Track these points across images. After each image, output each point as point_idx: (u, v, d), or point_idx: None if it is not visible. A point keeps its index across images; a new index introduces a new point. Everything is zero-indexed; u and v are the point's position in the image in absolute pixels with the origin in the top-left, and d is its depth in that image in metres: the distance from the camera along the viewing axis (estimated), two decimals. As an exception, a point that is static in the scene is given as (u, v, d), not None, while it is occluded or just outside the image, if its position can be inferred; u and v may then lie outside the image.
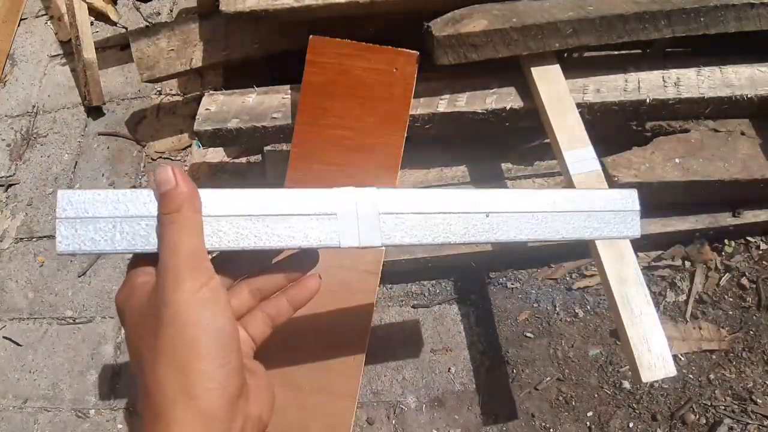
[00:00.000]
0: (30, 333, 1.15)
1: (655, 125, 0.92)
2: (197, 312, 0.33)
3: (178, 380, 0.32)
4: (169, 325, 0.32)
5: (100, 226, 0.36)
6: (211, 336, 0.33)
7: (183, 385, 0.32)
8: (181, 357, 0.32)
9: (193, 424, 0.32)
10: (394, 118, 0.85)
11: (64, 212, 0.36)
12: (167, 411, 0.32)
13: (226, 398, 0.33)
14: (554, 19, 0.82)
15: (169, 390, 0.32)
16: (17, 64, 1.50)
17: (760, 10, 0.83)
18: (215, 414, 0.32)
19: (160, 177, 0.35)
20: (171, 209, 0.34)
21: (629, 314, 0.69)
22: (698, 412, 0.87)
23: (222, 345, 0.33)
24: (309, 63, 0.85)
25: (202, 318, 0.33)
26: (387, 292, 1.04)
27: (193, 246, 0.34)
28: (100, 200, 0.36)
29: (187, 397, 0.32)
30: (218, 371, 0.33)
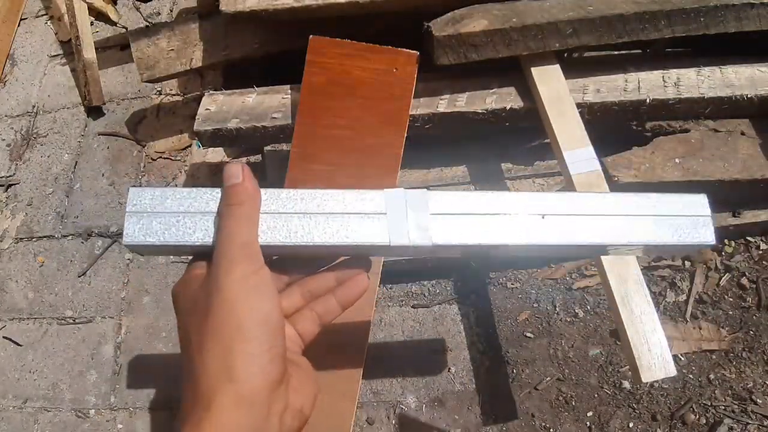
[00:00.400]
0: (30, 333, 1.15)
1: (655, 125, 0.92)
2: (246, 296, 0.34)
3: (222, 362, 0.33)
4: (218, 308, 0.34)
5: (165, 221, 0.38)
6: (258, 320, 0.34)
7: (226, 367, 0.33)
8: (227, 339, 0.33)
9: (232, 407, 0.32)
10: (394, 118, 0.85)
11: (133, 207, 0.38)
12: (208, 393, 0.32)
13: (268, 383, 0.33)
14: (554, 19, 0.82)
15: (212, 371, 0.33)
16: (17, 64, 1.50)
17: (760, 10, 0.83)
18: (255, 398, 0.33)
19: (230, 171, 0.37)
20: (234, 202, 0.36)
21: (629, 314, 0.69)
22: (698, 412, 0.87)
23: (268, 330, 0.34)
24: (309, 63, 0.85)
25: (250, 302, 0.34)
26: (387, 292, 1.04)
27: (248, 237, 0.36)
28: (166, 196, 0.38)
29: (228, 380, 0.32)
30: (262, 356, 0.33)
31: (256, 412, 0.33)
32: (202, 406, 0.32)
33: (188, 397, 0.33)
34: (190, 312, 0.36)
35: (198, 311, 0.35)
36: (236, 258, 0.35)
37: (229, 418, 0.32)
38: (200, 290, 0.35)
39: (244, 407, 0.32)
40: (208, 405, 0.32)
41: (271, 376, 0.34)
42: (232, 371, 0.32)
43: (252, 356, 0.33)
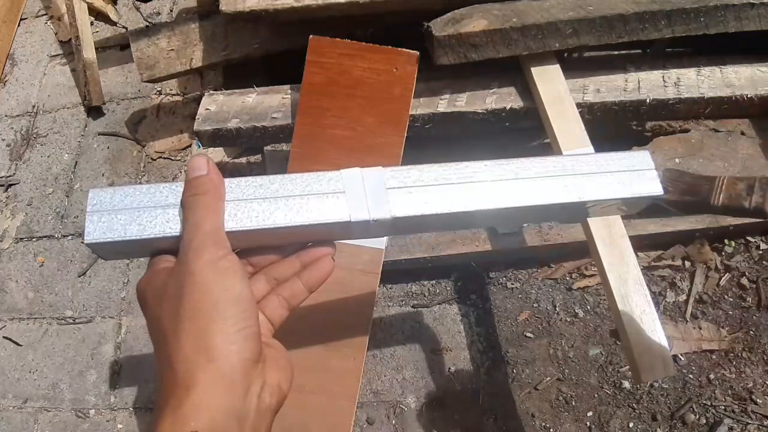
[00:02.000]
0: (30, 333, 1.15)
1: (655, 125, 0.92)
2: (218, 278, 0.35)
3: (199, 343, 0.33)
4: (191, 291, 0.34)
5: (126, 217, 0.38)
6: (232, 300, 0.34)
7: (203, 348, 0.33)
8: (203, 320, 0.34)
9: (212, 385, 0.32)
10: (394, 118, 0.85)
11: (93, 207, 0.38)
12: (187, 374, 0.33)
13: (246, 361, 0.34)
14: (554, 19, 0.82)
15: (190, 353, 0.33)
16: (17, 64, 1.50)
17: (760, 10, 0.83)
18: (234, 376, 0.33)
19: (194, 164, 0.38)
20: (198, 192, 0.37)
21: (629, 314, 0.69)
22: (698, 412, 0.87)
23: (242, 309, 0.35)
24: (309, 63, 0.85)
25: (223, 283, 0.35)
26: (387, 292, 1.04)
27: (214, 224, 0.37)
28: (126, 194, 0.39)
29: (206, 359, 0.33)
30: (238, 334, 0.34)
31: (236, 390, 0.33)
32: (181, 388, 0.32)
33: (166, 383, 0.34)
34: (159, 301, 0.36)
35: (169, 298, 0.35)
36: (204, 243, 0.35)
37: (209, 397, 0.32)
38: (169, 279, 0.36)
39: (224, 385, 0.33)
40: (187, 386, 0.32)
41: (249, 354, 0.34)
42: (210, 350, 0.33)
43: (229, 335, 0.34)
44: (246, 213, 0.39)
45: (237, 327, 0.34)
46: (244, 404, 0.34)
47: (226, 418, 0.32)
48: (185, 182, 0.38)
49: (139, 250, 0.40)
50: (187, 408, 0.32)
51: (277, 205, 0.40)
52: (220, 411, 0.32)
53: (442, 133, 0.95)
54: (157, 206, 0.38)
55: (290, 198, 0.40)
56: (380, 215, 0.40)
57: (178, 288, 0.35)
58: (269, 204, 0.39)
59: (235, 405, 0.33)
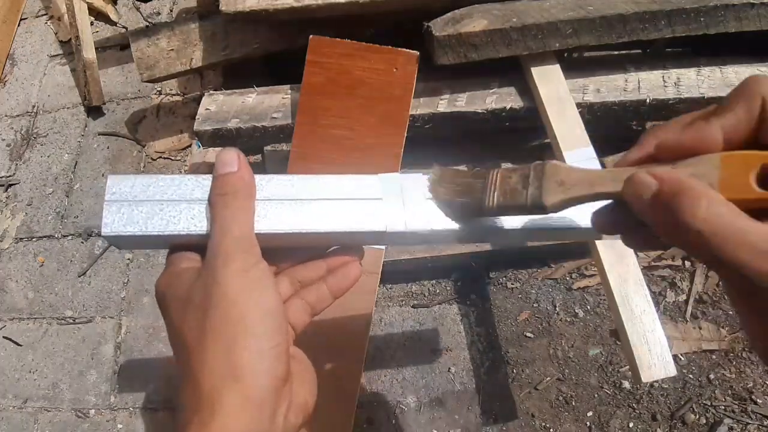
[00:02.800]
0: (30, 333, 1.15)
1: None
2: (248, 290, 0.32)
3: (226, 361, 0.31)
4: (219, 303, 0.31)
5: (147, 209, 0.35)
6: (262, 315, 0.32)
7: (231, 366, 0.30)
8: (230, 335, 0.31)
9: (239, 408, 0.30)
10: (394, 118, 0.85)
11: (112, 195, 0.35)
12: (212, 394, 0.30)
13: (275, 381, 0.32)
14: (554, 19, 0.82)
15: (215, 371, 0.31)
16: (17, 64, 1.50)
17: (760, 10, 0.83)
18: (262, 397, 0.31)
19: (224, 159, 0.35)
20: (228, 191, 0.34)
21: (629, 314, 0.69)
22: (698, 412, 0.87)
23: (272, 325, 0.32)
24: (309, 63, 0.85)
25: (253, 296, 0.32)
26: (387, 292, 1.04)
27: (245, 228, 0.34)
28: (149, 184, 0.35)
29: (233, 380, 0.30)
30: (269, 352, 0.32)
31: (263, 413, 0.31)
32: (205, 410, 0.30)
33: (188, 401, 0.31)
34: (183, 308, 0.33)
35: (194, 307, 0.32)
36: (234, 251, 0.33)
37: (235, 420, 0.30)
38: (194, 285, 0.33)
39: (251, 409, 0.30)
40: (212, 408, 0.30)
41: (278, 373, 0.32)
42: (237, 370, 0.30)
43: (258, 353, 0.31)
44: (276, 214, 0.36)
45: (268, 344, 0.32)
46: (271, 427, 0.31)
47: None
48: (213, 178, 0.35)
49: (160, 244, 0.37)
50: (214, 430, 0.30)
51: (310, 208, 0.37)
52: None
53: (442, 133, 0.95)
54: (182, 200, 0.35)
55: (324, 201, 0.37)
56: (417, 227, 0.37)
57: (205, 298, 0.32)
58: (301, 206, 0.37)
59: (261, 428, 0.31)
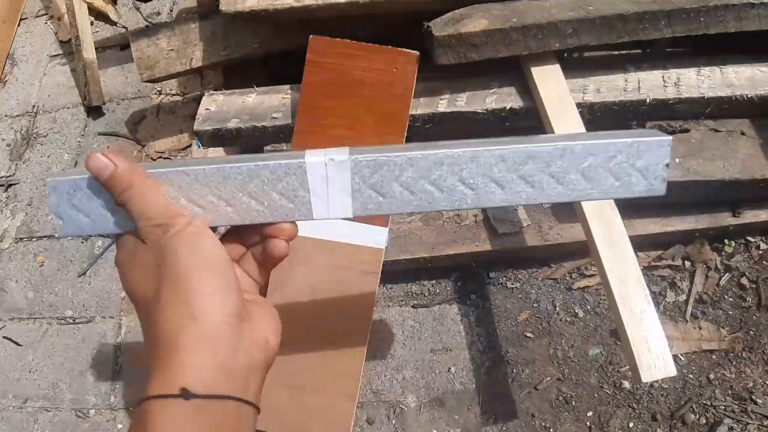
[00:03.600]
0: (30, 333, 1.15)
1: (655, 125, 0.92)
2: (189, 242, 0.36)
3: (181, 304, 0.34)
4: (166, 258, 0.35)
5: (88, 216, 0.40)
6: (208, 259, 0.35)
7: (186, 309, 0.34)
8: (182, 282, 0.34)
9: (196, 344, 0.33)
10: (394, 118, 0.85)
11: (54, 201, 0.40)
12: (171, 336, 0.33)
13: (228, 317, 0.34)
14: (554, 19, 0.82)
15: (173, 316, 0.34)
16: (17, 64, 1.50)
17: (760, 10, 0.83)
18: (218, 333, 0.34)
19: (97, 165, 0.37)
20: (123, 187, 0.37)
21: (629, 314, 0.69)
22: (698, 412, 0.87)
23: (218, 267, 0.35)
24: (309, 63, 0.85)
25: (194, 245, 0.36)
26: (387, 292, 1.04)
27: (159, 204, 0.37)
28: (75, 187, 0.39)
29: (190, 320, 0.33)
30: (218, 292, 0.34)
31: (222, 347, 0.33)
32: (167, 350, 0.33)
33: (151, 347, 0.34)
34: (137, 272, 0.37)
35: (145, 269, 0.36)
36: (166, 222, 0.36)
37: (194, 355, 0.32)
38: (142, 252, 0.37)
39: (209, 343, 0.33)
40: (173, 348, 0.33)
41: (230, 310, 0.35)
42: (191, 310, 0.33)
43: (208, 294, 0.34)
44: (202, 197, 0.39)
45: (215, 285, 0.35)
46: (231, 360, 0.34)
47: (213, 375, 0.33)
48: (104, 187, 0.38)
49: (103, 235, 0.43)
50: (174, 368, 0.32)
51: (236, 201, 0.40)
52: (207, 368, 0.33)
53: (442, 133, 0.95)
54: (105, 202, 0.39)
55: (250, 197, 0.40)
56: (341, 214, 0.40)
57: (154, 259, 0.36)
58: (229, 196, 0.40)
59: (221, 361, 0.33)
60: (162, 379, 0.32)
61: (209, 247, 0.36)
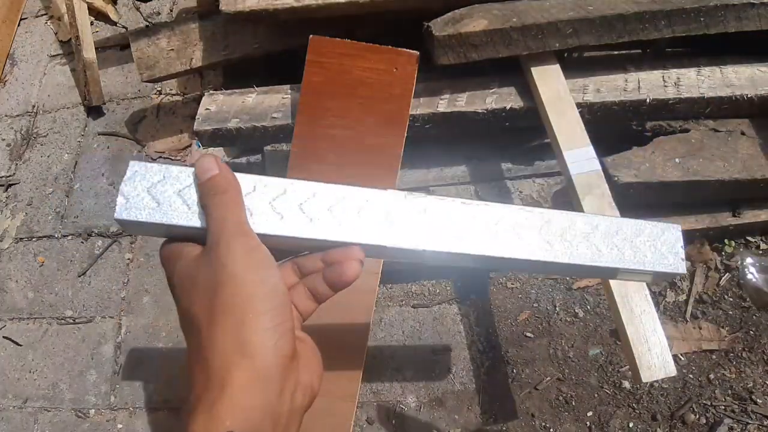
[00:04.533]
0: (30, 333, 1.15)
1: (655, 125, 0.92)
2: (253, 269, 0.33)
3: (235, 337, 0.32)
4: (227, 283, 0.33)
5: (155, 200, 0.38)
6: (267, 293, 0.33)
7: (239, 343, 0.32)
8: (239, 313, 0.32)
9: (248, 384, 0.31)
10: (394, 118, 0.85)
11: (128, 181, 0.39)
12: (221, 370, 0.31)
13: (282, 358, 0.33)
14: (554, 19, 0.82)
15: (225, 348, 0.32)
16: (17, 64, 1.50)
17: (760, 10, 0.83)
18: (270, 374, 0.32)
19: (204, 165, 0.37)
20: (217, 191, 0.36)
21: (629, 314, 0.69)
22: (698, 412, 0.87)
23: (278, 303, 0.33)
24: (309, 63, 0.85)
25: (258, 275, 0.33)
26: (387, 292, 1.04)
27: (239, 218, 0.36)
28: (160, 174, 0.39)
29: (242, 356, 0.31)
30: (275, 329, 0.32)
31: (271, 389, 0.32)
32: (216, 385, 0.31)
33: (198, 378, 0.32)
34: (191, 290, 0.35)
35: (202, 289, 0.34)
36: (234, 235, 0.34)
37: (245, 395, 0.31)
38: (200, 269, 0.35)
39: (259, 384, 0.31)
40: (222, 383, 0.31)
41: (285, 351, 0.33)
42: (246, 346, 0.31)
43: (265, 330, 0.32)
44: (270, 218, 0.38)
45: (274, 322, 0.33)
46: (278, 403, 0.32)
47: (261, 418, 0.31)
48: (198, 185, 0.37)
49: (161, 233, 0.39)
50: (223, 407, 0.30)
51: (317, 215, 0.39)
52: (256, 410, 0.31)
53: (442, 133, 0.95)
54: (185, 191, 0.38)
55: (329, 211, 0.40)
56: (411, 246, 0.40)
57: (213, 279, 0.33)
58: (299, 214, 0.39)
59: (270, 404, 0.32)
60: (208, 417, 0.30)
61: (273, 279, 0.34)
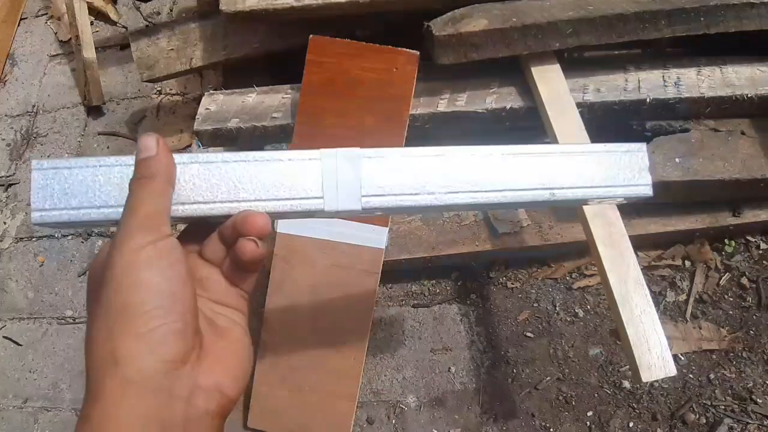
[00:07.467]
0: (30, 333, 1.15)
1: (655, 125, 0.92)
2: (136, 271, 0.31)
3: (105, 345, 0.30)
4: (107, 285, 0.31)
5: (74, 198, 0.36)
6: (148, 295, 0.30)
7: (109, 351, 0.29)
8: (111, 319, 0.30)
9: (120, 393, 0.29)
10: (394, 118, 0.85)
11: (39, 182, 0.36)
12: (95, 382, 0.30)
13: (160, 364, 0.30)
14: (554, 19, 0.82)
15: (97, 356, 0.30)
16: (17, 64, 1.50)
17: (760, 9, 0.83)
18: (146, 381, 0.29)
19: (143, 143, 0.34)
20: (145, 175, 0.34)
21: (629, 314, 0.69)
22: (698, 412, 0.87)
23: (159, 305, 0.30)
24: (309, 63, 0.85)
25: (140, 276, 0.30)
26: (387, 292, 1.04)
27: (153, 209, 0.33)
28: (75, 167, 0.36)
29: (113, 365, 0.29)
30: (152, 334, 0.30)
31: (152, 397, 0.29)
32: (91, 397, 0.29)
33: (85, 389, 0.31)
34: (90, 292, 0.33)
35: (94, 289, 0.32)
36: (133, 229, 0.32)
37: (119, 405, 0.29)
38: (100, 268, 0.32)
39: (134, 391, 0.29)
40: (95, 395, 0.29)
41: (165, 356, 0.30)
42: (115, 353, 0.29)
43: (138, 335, 0.29)
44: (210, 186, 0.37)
45: (150, 325, 0.30)
46: (167, 411, 0.30)
47: (143, 428, 0.29)
48: (135, 163, 0.35)
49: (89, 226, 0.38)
50: (96, 420, 0.29)
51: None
52: (135, 420, 0.29)
53: (442, 133, 0.95)
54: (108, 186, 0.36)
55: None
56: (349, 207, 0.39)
57: (100, 282, 0.31)
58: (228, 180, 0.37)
59: (153, 412, 0.29)
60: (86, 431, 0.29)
61: (158, 278, 0.31)
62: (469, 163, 0.40)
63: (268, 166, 0.38)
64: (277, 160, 0.38)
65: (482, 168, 0.40)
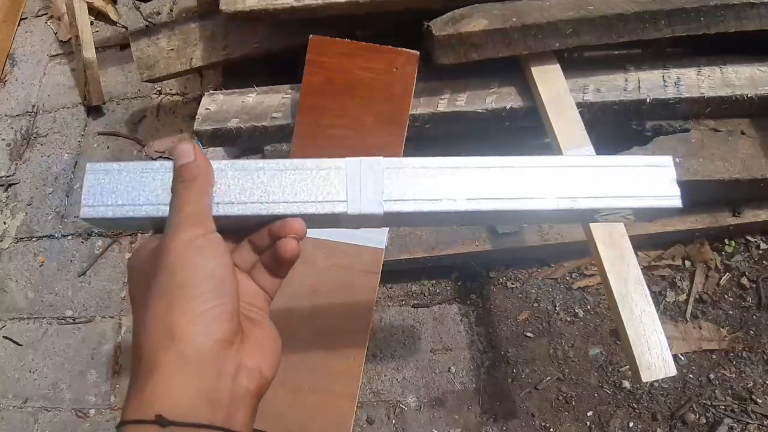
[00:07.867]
0: (30, 333, 1.15)
1: (655, 125, 0.92)
2: (190, 256, 0.34)
3: (163, 322, 0.32)
4: (163, 270, 0.34)
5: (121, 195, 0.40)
6: (202, 279, 0.33)
7: (167, 328, 0.32)
8: (169, 299, 0.33)
9: (176, 367, 0.31)
10: (394, 118, 0.85)
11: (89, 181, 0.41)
12: (150, 355, 0.32)
13: (213, 342, 0.32)
14: (554, 19, 0.82)
15: (154, 332, 0.32)
16: (17, 64, 1.50)
17: (760, 9, 0.83)
18: (200, 358, 0.32)
19: (181, 151, 0.38)
20: (187, 178, 0.37)
21: (629, 314, 0.69)
22: (698, 412, 0.87)
23: (213, 288, 0.33)
24: (309, 63, 0.85)
25: (194, 261, 0.34)
26: (387, 292, 1.04)
27: (198, 206, 0.36)
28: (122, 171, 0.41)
29: (170, 340, 0.31)
30: (206, 314, 0.33)
31: (204, 373, 0.32)
32: (145, 371, 0.31)
33: (134, 364, 0.33)
34: (137, 280, 0.36)
35: (144, 276, 0.35)
36: (183, 223, 0.35)
37: (173, 379, 0.31)
38: (148, 258, 0.36)
39: (188, 367, 0.31)
40: (150, 368, 0.31)
41: (217, 335, 0.33)
42: (173, 330, 0.32)
43: (194, 315, 0.32)
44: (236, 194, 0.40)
45: (204, 306, 0.33)
46: (216, 386, 0.32)
47: (193, 401, 0.31)
48: (174, 169, 0.38)
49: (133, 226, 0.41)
50: (150, 391, 0.30)
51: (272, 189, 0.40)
52: (186, 394, 0.31)
53: (442, 133, 0.95)
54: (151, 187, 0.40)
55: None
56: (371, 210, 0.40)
57: (153, 267, 0.34)
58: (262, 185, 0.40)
59: (203, 387, 0.31)
60: (138, 403, 0.30)
61: (212, 265, 0.34)
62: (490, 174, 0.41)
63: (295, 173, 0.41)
64: (304, 169, 0.41)
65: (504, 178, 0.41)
